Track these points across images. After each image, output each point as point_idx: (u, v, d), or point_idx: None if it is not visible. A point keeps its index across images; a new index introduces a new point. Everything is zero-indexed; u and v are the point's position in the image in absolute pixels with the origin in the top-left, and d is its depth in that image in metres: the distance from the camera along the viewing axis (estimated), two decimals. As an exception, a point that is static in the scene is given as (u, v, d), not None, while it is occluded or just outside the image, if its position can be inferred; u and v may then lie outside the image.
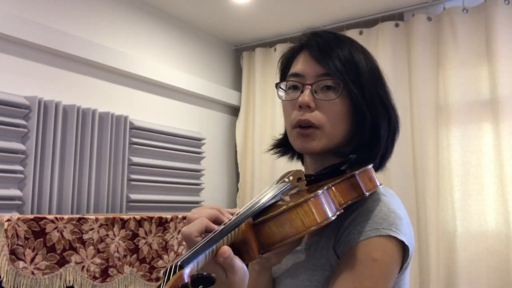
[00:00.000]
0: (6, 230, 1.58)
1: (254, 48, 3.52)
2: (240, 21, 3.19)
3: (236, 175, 3.55)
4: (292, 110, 0.87)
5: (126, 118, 2.55)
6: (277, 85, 0.93)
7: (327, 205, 0.69)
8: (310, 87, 0.85)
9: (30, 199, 2.10)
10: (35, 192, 2.13)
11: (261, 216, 0.68)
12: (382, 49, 2.95)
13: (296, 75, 0.88)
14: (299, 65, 0.89)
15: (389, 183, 2.80)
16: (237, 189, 3.48)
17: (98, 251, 1.86)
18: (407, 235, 0.79)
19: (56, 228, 1.74)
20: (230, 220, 0.67)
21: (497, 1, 2.62)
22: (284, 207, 0.66)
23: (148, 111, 2.87)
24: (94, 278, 1.83)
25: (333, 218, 0.69)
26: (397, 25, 2.95)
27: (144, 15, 2.91)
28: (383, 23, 2.99)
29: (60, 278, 1.72)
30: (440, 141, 2.74)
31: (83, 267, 1.80)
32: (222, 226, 0.65)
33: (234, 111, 3.60)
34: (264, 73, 3.45)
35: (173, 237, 2.17)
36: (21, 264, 1.61)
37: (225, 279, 0.65)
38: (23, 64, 2.25)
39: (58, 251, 1.73)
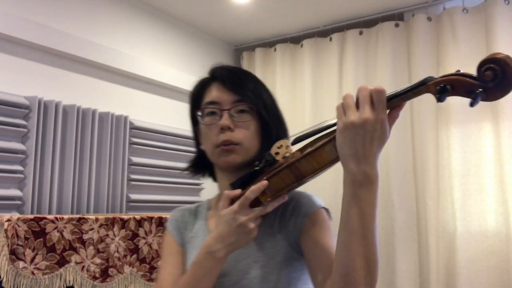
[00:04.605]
0: (6, 230, 1.58)
1: (254, 48, 3.52)
2: (240, 21, 3.19)
3: (236, 175, 3.55)
4: (213, 133, 1.02)
5: (126, 118, 2.55)
6: (194, 112, 1.08)
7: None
8: (227, 111, 1.01)
9: (30, 199, 2.10)
10: (35, 192, 2.13)
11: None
12: (382, 49, 2.95)
13: (213, 103, 1.03)
14: (214, 94, 1.04)
15: (389, 183, 2.79)
16: (237, 189, 3.47)
17: (98, 251, 1.86)
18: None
19: (56, 228, 1.74)
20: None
21: (497, 1, 2.61)
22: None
23: (148, 111, 2.87)
24: (94, 278, 1.83)
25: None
26: (397, 25, 2.95)
27: (144, 15, 2.91)
28: (383, 23, 2.99)
29: (60, 278, 1.72)
30: (440, 141, 2.73)
31: (83, 267, 1.80)
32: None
33: (234, 111, 3.59)
34: (264, 73, 3.45)
35: (173, 237, 2.17)
36: (21, 264, 1.61)
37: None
38: (23, 64, 2.25)
39: (58, 251, 1.73)
